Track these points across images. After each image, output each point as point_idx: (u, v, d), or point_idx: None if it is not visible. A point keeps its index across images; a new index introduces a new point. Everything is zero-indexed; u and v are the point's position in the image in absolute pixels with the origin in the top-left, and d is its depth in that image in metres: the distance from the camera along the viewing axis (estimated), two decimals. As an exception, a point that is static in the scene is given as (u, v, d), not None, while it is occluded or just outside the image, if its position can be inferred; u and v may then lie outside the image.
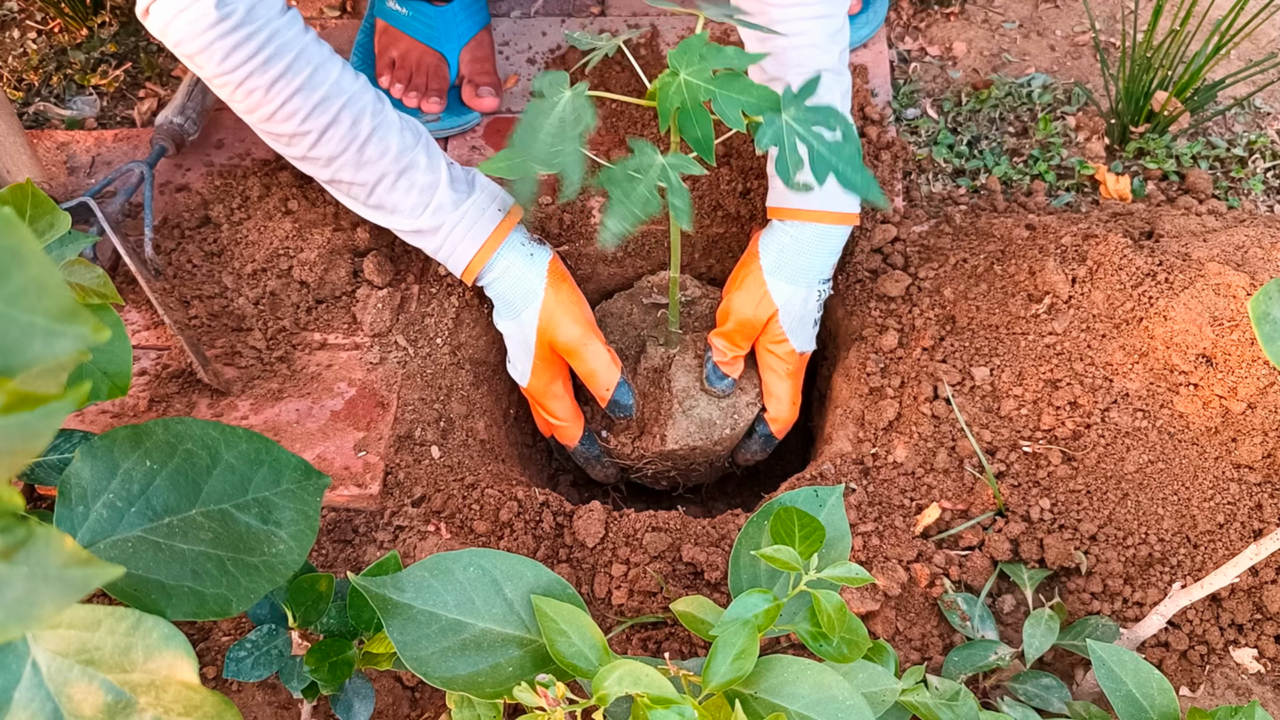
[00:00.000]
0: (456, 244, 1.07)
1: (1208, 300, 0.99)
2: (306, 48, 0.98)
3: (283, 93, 0.97)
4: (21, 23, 1.50)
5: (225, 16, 0.92)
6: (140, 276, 1.09)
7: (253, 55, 0.95)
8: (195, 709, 0.49)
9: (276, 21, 0.96)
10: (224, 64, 0.95)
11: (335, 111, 1.00)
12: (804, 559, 0.67)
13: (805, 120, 0.78)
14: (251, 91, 0.97)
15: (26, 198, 0.66)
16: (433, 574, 0.66)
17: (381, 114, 1.03)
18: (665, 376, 1.17)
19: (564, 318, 1.09)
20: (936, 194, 1.27)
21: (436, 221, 1.06)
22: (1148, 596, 0.94)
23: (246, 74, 0.96)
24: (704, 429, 1.16)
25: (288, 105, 0.98)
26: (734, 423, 1.17)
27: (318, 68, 0.99)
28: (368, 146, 1.02)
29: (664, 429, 1.16)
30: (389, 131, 1.03)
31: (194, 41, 0.94)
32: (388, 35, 1.36)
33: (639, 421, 1.18)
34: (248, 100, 0.98)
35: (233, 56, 0.95)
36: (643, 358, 1.19)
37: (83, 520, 0.57)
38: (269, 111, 0.99)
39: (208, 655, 0.96)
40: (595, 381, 1.12)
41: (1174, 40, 1.19)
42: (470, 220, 1.07)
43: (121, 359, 0.73)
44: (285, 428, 1.11)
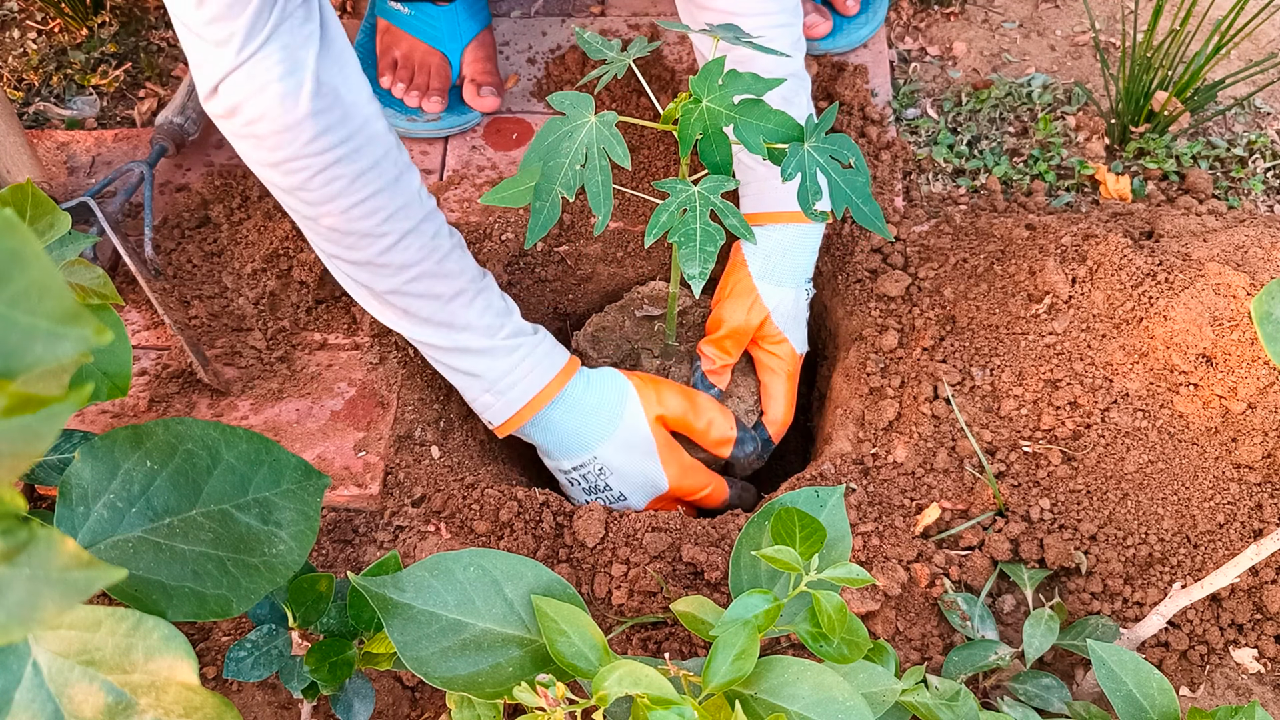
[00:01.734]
0: (534, 367, 1.02)
1: (1208, 300, 0.99)
2: (393, 148, 0.92)
3: (370, 186, 0.89)
4: (21, 23, 1.50)
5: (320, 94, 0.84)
6: (140, 276, 1.09)
7: (344, 140, 0.86)
8: (195, 710, 0.49)
9: (368, 109, 0.88)
10: (311, 145, 0.85)
11: (418, 219, 0.93)
12: (804, 559, 0.67)
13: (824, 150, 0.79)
14: (334, 180, 0.87)
15: (27, 198, 0.66)
16: (433, 574, 0.66)
17: (456, 236, 0.99)
18: None
19: (663, 389, 1.08)
20: (936, 194, 1.27)
21: (515, 344, 1.01)
22: (1148, 596, 0.94)
23: (334, 159, 0.86)
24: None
25: (371, 201, 0.89)
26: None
27: (404, 171, 0.92)
28: (448, 260, 0.96)
29: None
30: (465, 253, 1.00)
31: (280, 119, 0.83)
32: (389, 35, 1.36)
33: None
34: (328, 189, 0.87)
35: (323, 138, 0.85)
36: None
37: (83, 521, 0.57)
38: (348, 204, 0.89)
39: (208, 655, 0.96)
40: (716, 430, 1.10)
41: (1174, 40, 1.19)
42: (547, 348, 1.04)
43: (121, 360, 0.73)
44: (285, 428, 1.11)
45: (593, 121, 0.78)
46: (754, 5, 1.03)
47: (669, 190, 0.79)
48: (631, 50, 0.84)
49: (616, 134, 0.78)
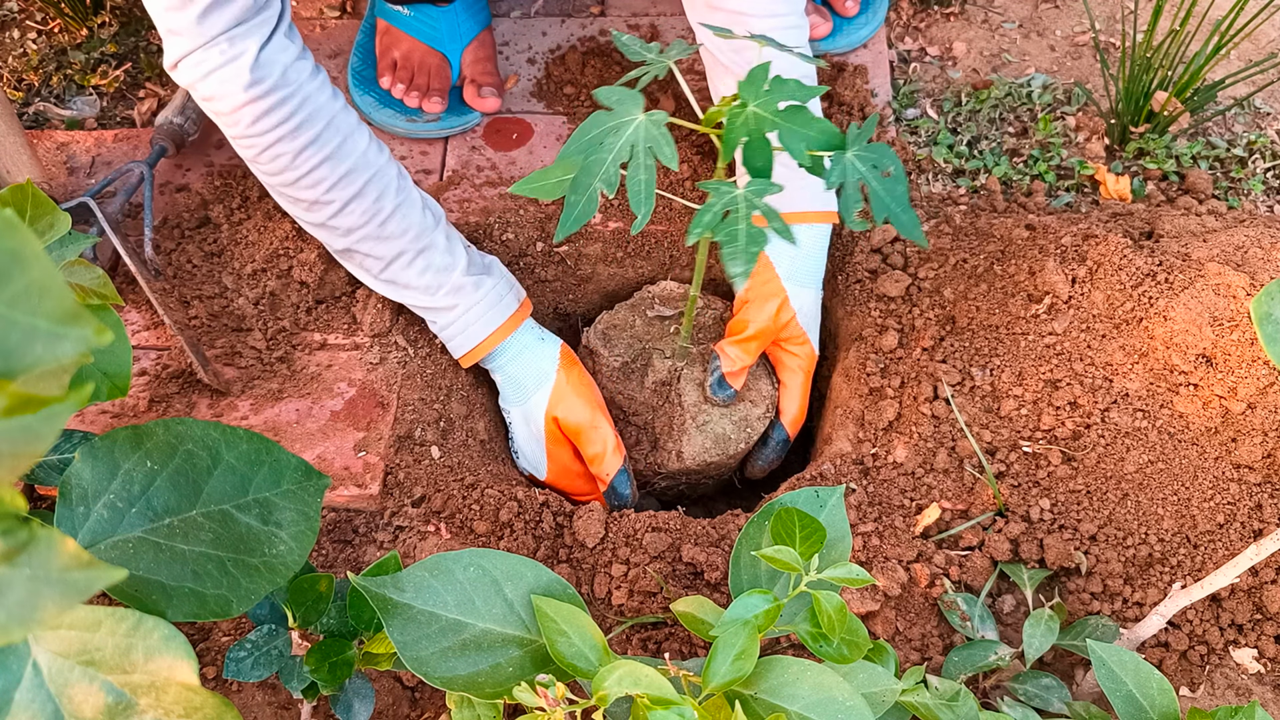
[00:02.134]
0: (469, 324, 1.08)
1: (1208, 300, 0.99)
2: (336, 116, 0.98)
3: (311, 160, 0.97)
4: (21, 23, 1.50)
5: (259, 80, 0.91)
6: (140, 276, 1.09)
7: (284, 120, 0.94)
8: (195, 710, 0.49)
9: (309, 86, 0.95)
10: (254, 126, 0.94)
11: (361, 184, 1.00)
12: (804, 559, 0.67)
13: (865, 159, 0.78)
14: (278, 156, 0.96)
15: (27, 198, 0.66)
16: (433, 574, 0.66)
17: (405, 191, 1.04)
18: (674, 391, 1.16)
19: (575, 398, 1.10)
20: (936, 194, 1.27)
21: (452, 302, 1.07)
22: (1148, 596, 0.94)
23: (276, 138, 0.95)
24: (719, 444, 1.15)
25: (315, 173, 0.97)
26: (748, 436, 1.16)
27: (347, 138, 0.99)
28: (389, 223, 1.02)
29: (679, 445, 1.15)
30: (411, 210, 1.04)
31: (225, 101, 0.92)
32: (389, 36, 1.36)
33: (650, 438, 1.18)
34: (273, 164, 0.97)
35: (264, 120, 0.93)
36: (650, 371, 1.17)
37: (83, 521, 0.57)
38: (293, 178, 0.98)
39: (208, 655, 0.96)
40: (598, 466, 1.12)
41: (1174, 40, 1.19)
42: (488, 304, 1.08)
43: (121, 360, 0.73)
44: (285, 428, 1.11)
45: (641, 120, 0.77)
46: (765, 7, 1.03)
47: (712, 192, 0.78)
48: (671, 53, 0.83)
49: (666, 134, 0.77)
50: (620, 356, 1.18)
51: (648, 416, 1.17)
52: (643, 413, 1.17)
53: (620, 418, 1.18)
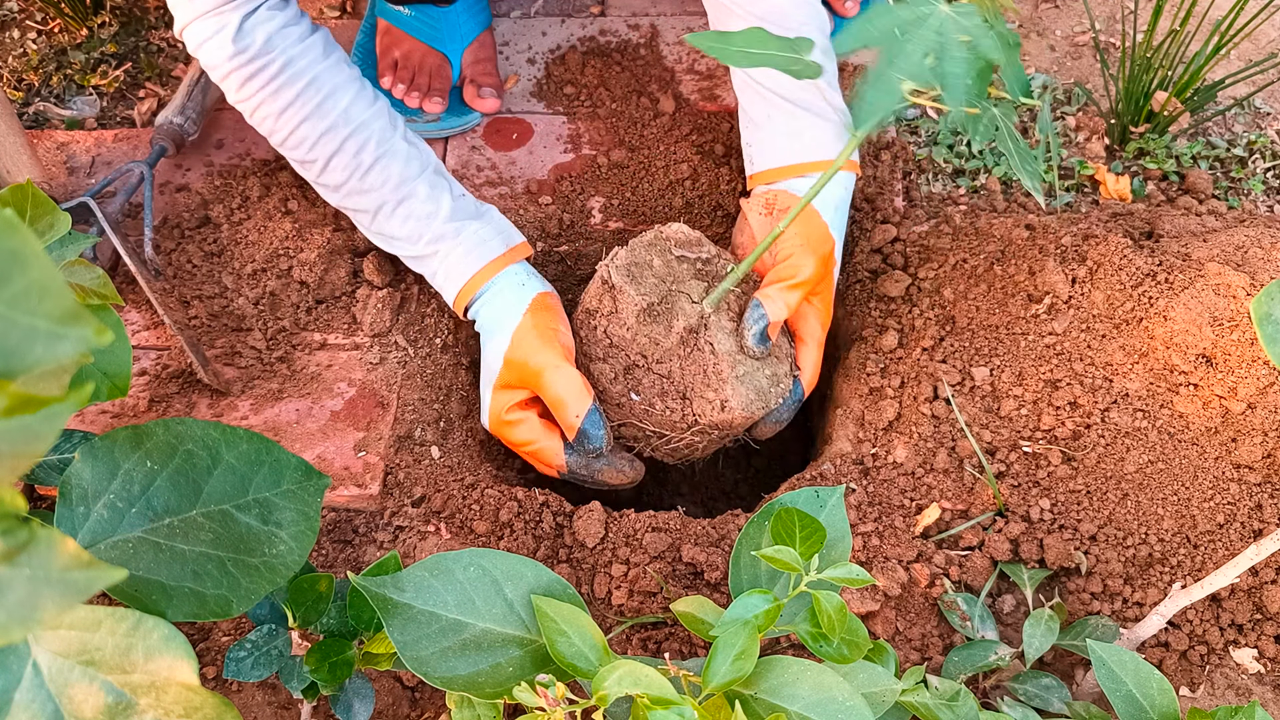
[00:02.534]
0: (450, 271, 1.08)
1: (1208, 300, 0.99)
2: (319, 75, 1.02)
3: (291, 121, 1.02)
4: (21, 23, 1.50)
5: (242, 50, 0.99)
6: (140, 276, 1.09)
7: (265, 85, 1.01)
8: (195, 710, 0.49)
9: (292, 50, 1.01)
10: (240, 92, 1.01)
11: (340, 140, 1.03)
12: (804, 560, 0.67)
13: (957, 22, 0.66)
14: (265, 119, 1.03)
15: (27, 198, 0.66)
16: (433, 574, 0.66)
17: (388, 142, 1.05)
18: (704, 339, 1.04)
19: (537, 340, 1.03)
20: (936, 194, 1.27)
21: (433, 249, 1.08)
22: (1148, 596, 0.94)
23: (259, 102, 1.01)
24: (761, 396, 1.06)
25: (296, 133, 1.03)
26: (780, 391, 1.07)
27: (328, 96, 1.03)
28: (369, 175, 1.05)
29: (723, 396, 1.03)
30: (392, 160, 1.05)
31: (215, 70, 1.01)
32: (390, 36, 1.36)
33: (677, 388, 1.05)
34: (263, 126, 1.04)
35: (247, 86, 1.01)
36: (679, 315, 1.04)
37: (83, 521, 0.57)
38: (280, 139, 1.04)
39: (208, 655, 0.96)
40: (564, 410, 1.03)
41: (1174, 40, 1.19)
42: (467, 248, 1.07)
43: (121, 360, 0.73)
44: (285, 428, 1.11)
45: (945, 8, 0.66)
46: (781, 10, 1.04)
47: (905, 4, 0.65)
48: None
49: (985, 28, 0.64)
50: (647, 297, 1.05)
51: (672, 365, 1.05)
52: (667, 360, 1.05)
53: (642, 364, 1.06)
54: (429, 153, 1.10)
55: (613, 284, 1.06)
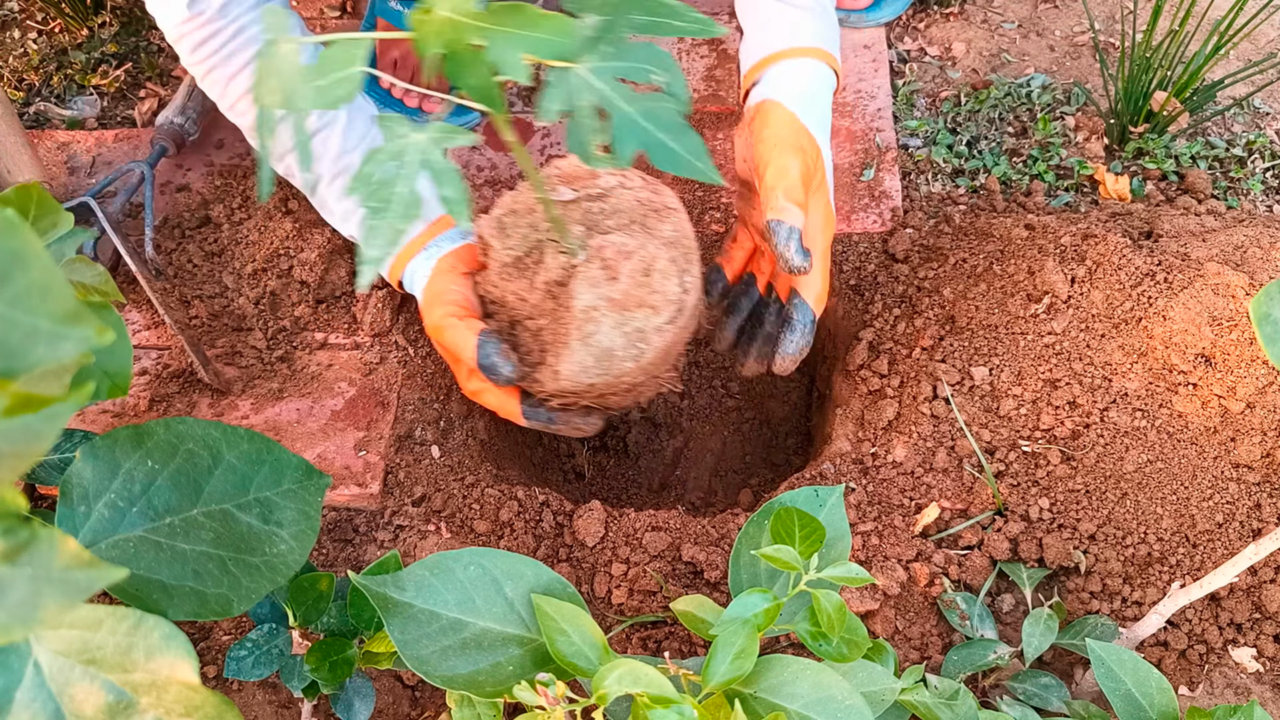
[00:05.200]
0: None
1: (1207, 300, 0.99)
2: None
3: (240, 87, 1.00)
4: (22, 23, 1.50)
5: (198, 13, 0.97)
6: (141, 276, 1.09)
7: (217, 50, 0.98)
8: (196, 709, 0.49)
9: (246, 17, 0.99)
10: (192, 55, 0.99)
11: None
12: (804, 559, 0.68)
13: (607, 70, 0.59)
14: (214, 84, 1.01)
15: (31, 199, 0.66)
16: (433, 573, 0.66)
17: (333, 114, 1.02)
18: (567, 291, 0.91)
19: (428, 304, 0.97)
20: (936, 194, 1.27)
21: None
22: (1147, 596, 0.94)
23: (209, 67, 0.99)
24: (602, 361, 0.89)
25: (244, 100, 1.01)
26: (639, 352, 0.90)
27: None
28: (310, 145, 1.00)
29: (557, 361, 0.90)
30: (332, 132, 1.02)
31: (170, 33, 0.98)
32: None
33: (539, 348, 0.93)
34: (212, 91, 1.01)
35: (199, 50, 0.98)
36: (540, 269, 0.92)
37: (84, 520, 0.57)
38: (227, 105, 1.02)
39: (208, 654, 0.97)
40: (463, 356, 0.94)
41: (1173, 40, 1.19)
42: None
43: (122, 359, 0.73)
44: (286, 427, 1.11)
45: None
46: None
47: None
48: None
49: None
50: (513, 250, 0.94)
51: (541, 323, 0.93)
52: (536, 318, 0.93)
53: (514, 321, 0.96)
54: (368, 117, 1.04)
55: (482, 238, 0.96)
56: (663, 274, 0.90)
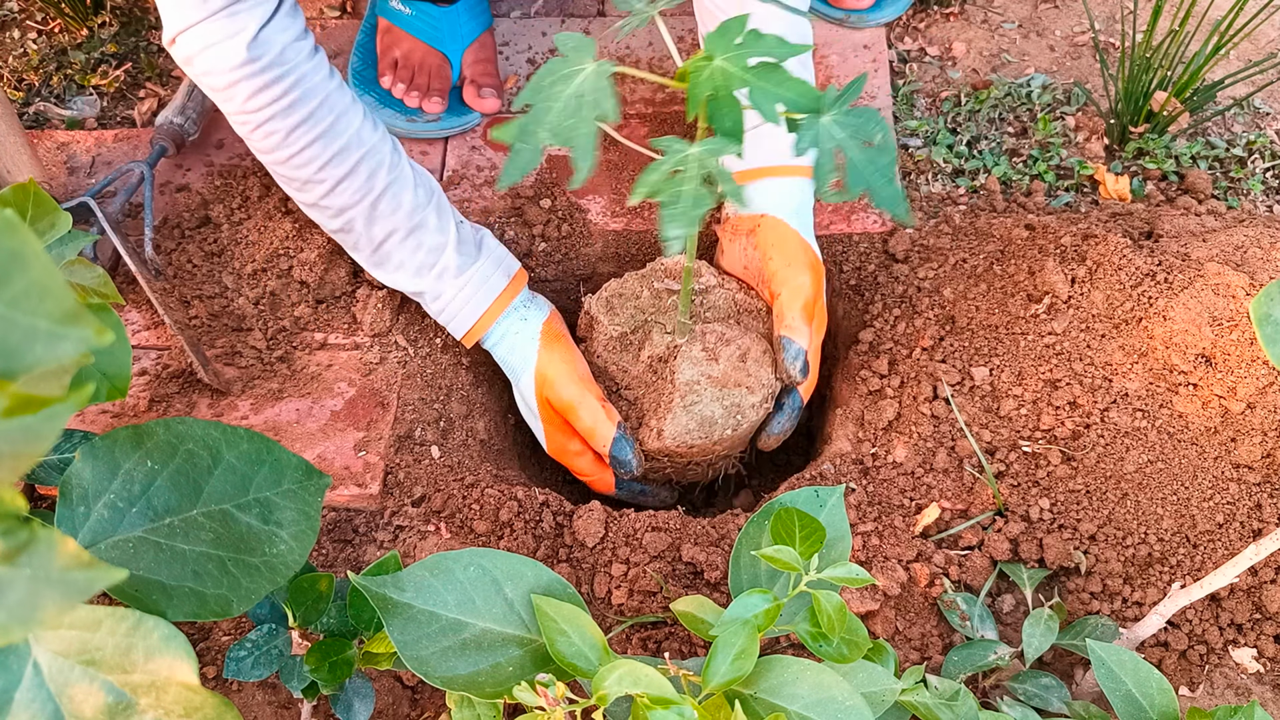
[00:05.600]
0: (458, 310, 1.08)
1: (1207, 300, 0.99)
2: (331, 95, 0.98)
3: (303, 139, 0.97)
4: (21, 23, 1.50)
5: (255, 58, 0.92)
6: (140, 276, 1.09)
7: (278, 99, 0.95)
8: (195, 710, 0.49)
9: (305, 66, 0.96)
10: (248, 104, 0.95)
11: (353, 163, 1.00)
12: (804, 559, 0.67)
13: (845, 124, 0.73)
14: (271, 134, 0.97)
15: (29, 198, 0.66)
16: (433, 573, 0.66)
17: (398, 168, 1.03)
18: (669, 368, 1.09)
19: (557, 377, 1.07)
20: (936, 194, 1.27)
21: (440, 287, 1.07)
22: (1147, 596, 0.94)
23: (268, 116, 0.96)
24: (704, 427, 1.06)
25: (306, 151, 0.98)
26: (736, 423, 1.07)
27: (340, 116, 0.99)
28: (381, 201, 1.02)
29: (661, 423, 1.07)
30: (403, 188, 1.03)
31: (221, 77, 0.93)
32: (390, 35, 1.36)
33: (637, 414, 1.11)
34: (266, 141, 0.98)
35: (258, 98, 0.94)
36: (647, 345, 1.11)
37: (84, 521, 0.57)
38: (285, 156, 0.99)
39: (208, 655, 0.96)
40: (593, 439, 1.09)
41: (1173, 40, 1.19)
42: (473, 288, 1.08)
43: (121, 361, 0.73)
44: (285, 428, 1.11)
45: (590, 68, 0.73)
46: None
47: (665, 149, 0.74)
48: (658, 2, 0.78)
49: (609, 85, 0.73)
50: (620, 326, 1.12)
51: (639, 392, 1.11)
52: (635, 387, 1.12)
53: (612, 390, 1.13)
54: (430, 178, 1.09)
55: (590, 314, 1.13)
56: (757, 361, 1.08)
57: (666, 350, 1.10)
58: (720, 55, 0.71)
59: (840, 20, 1.41)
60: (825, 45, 1.41)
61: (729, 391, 1.07)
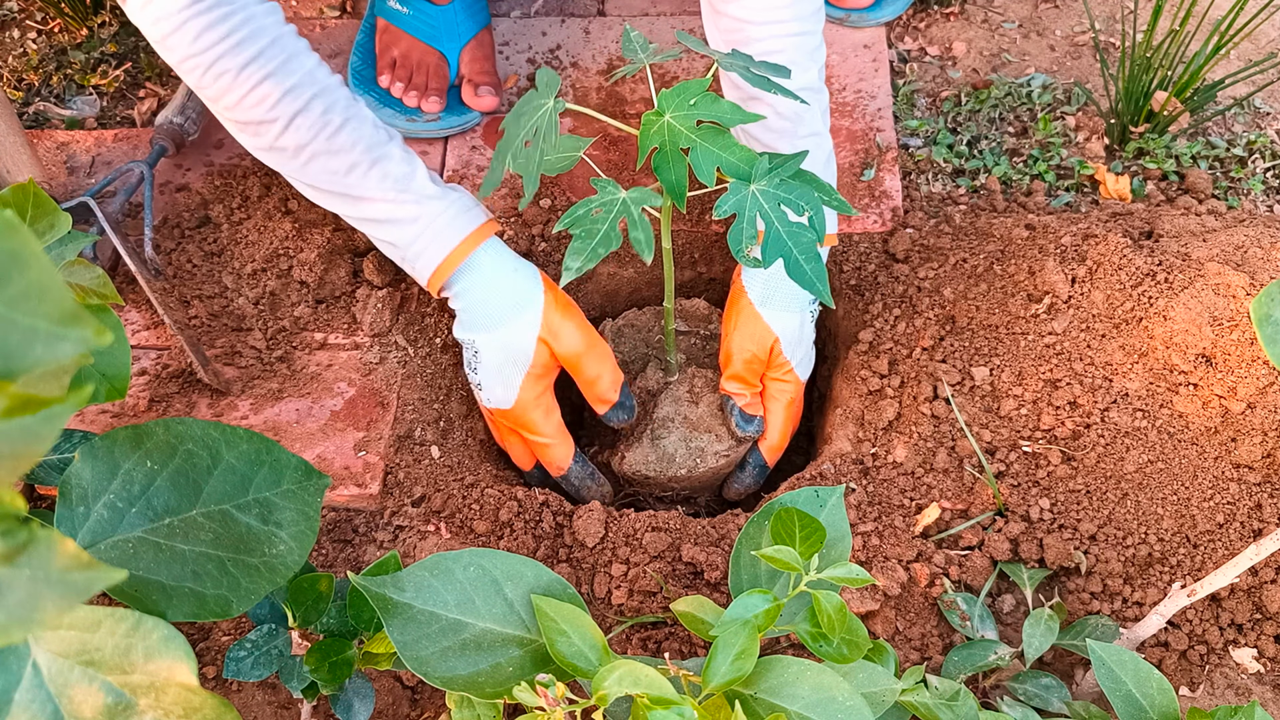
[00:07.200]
0: (439, 232, 1.02)
1: (1207, 300, 0.99)
2: (282, 37, 0.97)
3: (254, 77, 0.95)
4: (21, 23, 1.50)
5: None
6: (140, 276, 1.09)
7: (226, 36, 0.94)
8: (195, 711, 0.49)
9: (254, 8, 0.95)
10: (195, 43, 0.93)
11: (306, 99, 0.98)
12: (804, 559, 0.67)
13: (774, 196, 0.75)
14: (222, 74, 0.95)
15: (28, 198, 0.66)
16: (433, 574, 0.66)
17: (354, 108, 1.01)
18: (654, 401, 1.15)
19: (569, 322, 1.04)
20: (936, 194, 1.27)
21: (415, 211, 1.02)
22: (1147, 596, 0.94)
23: (217, 55, 0.94)
24: (662, 461, 1.12)
25: (258, 90, 0.96)
26: (693, 465, 1.12)
27: (291, 56, 0.98)
28: (339, 135, 0.99)
29: (628, 450, 1.13)
30: (362, 124, 1.01)
31: (169, 20, 0.92)
32: (388, 34, 1.36)
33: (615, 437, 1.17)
34: (217, 84, 0.95)
35: (205, 36, 0.93)
36: (640, 377, 1.17)
37: (83, 521, 0.57)
38: (238, 96, 0.96)
39: (208, 655, 0.96)
40: (601, 385, 1.07)
41: (1174, 40, 1.19)
42: (457, 210, 1.03)
43: (120, 362, 0.73)
44: (285, 428, 1.11)
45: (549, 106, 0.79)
46: (766, 14, 1.00)
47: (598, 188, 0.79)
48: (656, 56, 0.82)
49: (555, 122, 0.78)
50: (621, 355, 1.18)
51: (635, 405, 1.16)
52: None
53: None
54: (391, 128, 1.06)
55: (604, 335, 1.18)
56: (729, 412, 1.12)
57: (657, 385, 1.16)
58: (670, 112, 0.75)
59: (840, 20, 1.41)
60: (825, 45, 1.41)
61: (697, 435, 1.13)
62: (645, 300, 1.32)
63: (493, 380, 1.06)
